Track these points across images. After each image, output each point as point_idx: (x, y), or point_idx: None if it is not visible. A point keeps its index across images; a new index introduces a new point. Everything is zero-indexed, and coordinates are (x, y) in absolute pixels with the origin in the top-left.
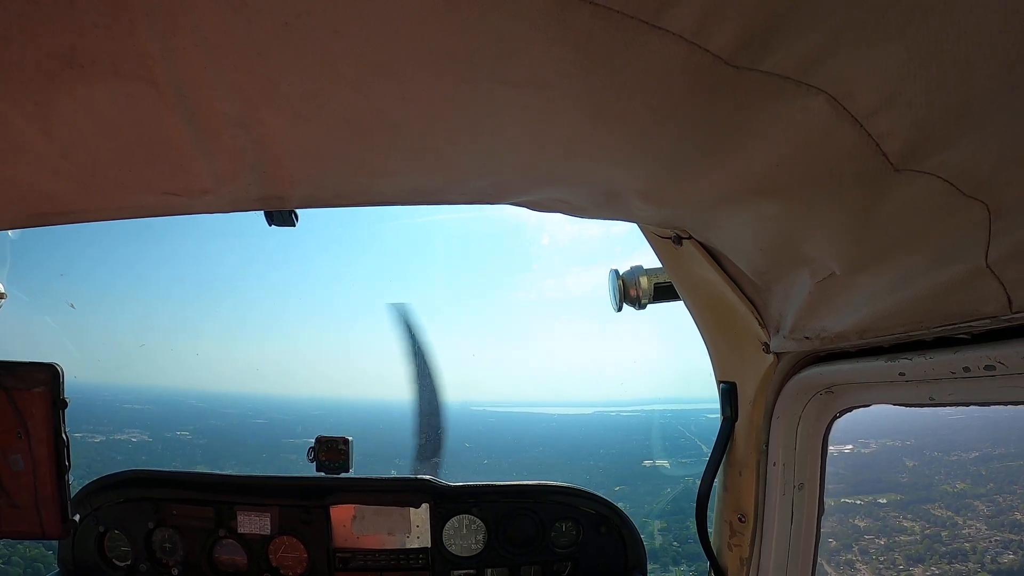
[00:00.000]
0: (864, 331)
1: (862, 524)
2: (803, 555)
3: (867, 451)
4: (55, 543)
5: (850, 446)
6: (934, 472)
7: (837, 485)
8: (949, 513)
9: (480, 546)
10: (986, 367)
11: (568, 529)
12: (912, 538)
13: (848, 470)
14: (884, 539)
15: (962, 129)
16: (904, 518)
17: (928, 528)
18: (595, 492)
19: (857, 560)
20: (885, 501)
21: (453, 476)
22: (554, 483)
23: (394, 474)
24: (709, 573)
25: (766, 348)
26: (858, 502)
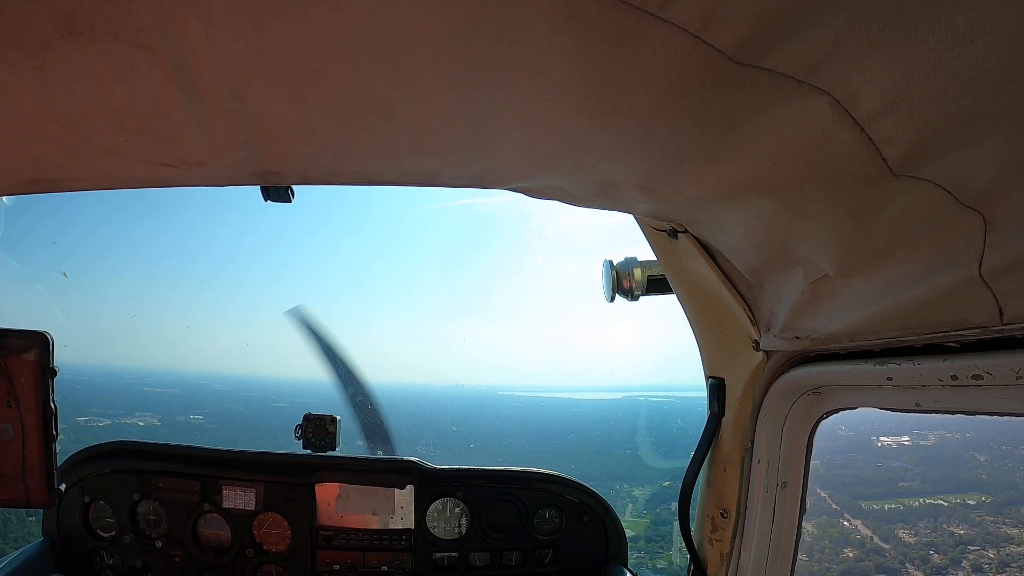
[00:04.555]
0: (854, 334)
1: (960, 532)
2: (783, 553)
3: (927, 443)
4: (13, 531)
5: (907, 438)
6: (1013, 468)
7: (911, 483)
8: None
9: (463, 530)
10: (974, 376)
11: (551, 516)
12: None
13: (916, 465)
14: (993, 551)
15: (963, 138)
16: (1004, 524)
17: None
18: (579, 481)
19: None
20: (974, 503)
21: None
22: (539, 470)
23: (378, 454)
24: (689, 566)
25: (756, 346)
26: (943, 503)
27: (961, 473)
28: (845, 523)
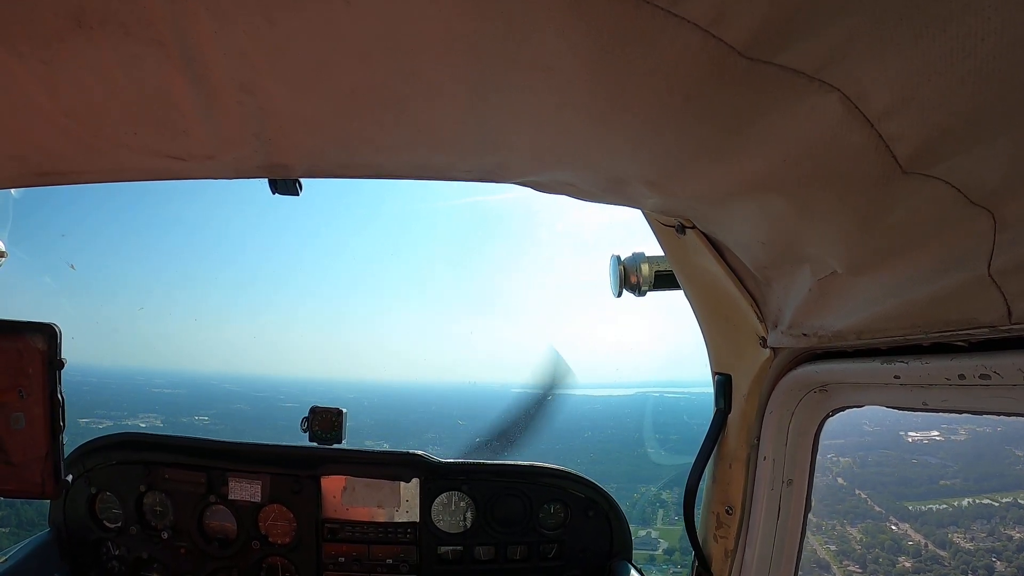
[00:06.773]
0: (862, 332)
1: (1019, 535)
2: (787, 550)
3: (958, 438)
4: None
5: (937, 432)
6: None
7: (953, 480)
8: None
9: (468, 523)
10: (981, 376)
11: (556, 511)
12: None
13: (954, 461)
14: None
15: (974, 136)
16: None
17: None
18: (584, 475)
19: None
20: None
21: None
22: (544, 464)
23: (383, 447)
24: (693, 563)
25: (763, 342)
26: (993, 503)
27: (1004, 470)
28: (893, 527)
